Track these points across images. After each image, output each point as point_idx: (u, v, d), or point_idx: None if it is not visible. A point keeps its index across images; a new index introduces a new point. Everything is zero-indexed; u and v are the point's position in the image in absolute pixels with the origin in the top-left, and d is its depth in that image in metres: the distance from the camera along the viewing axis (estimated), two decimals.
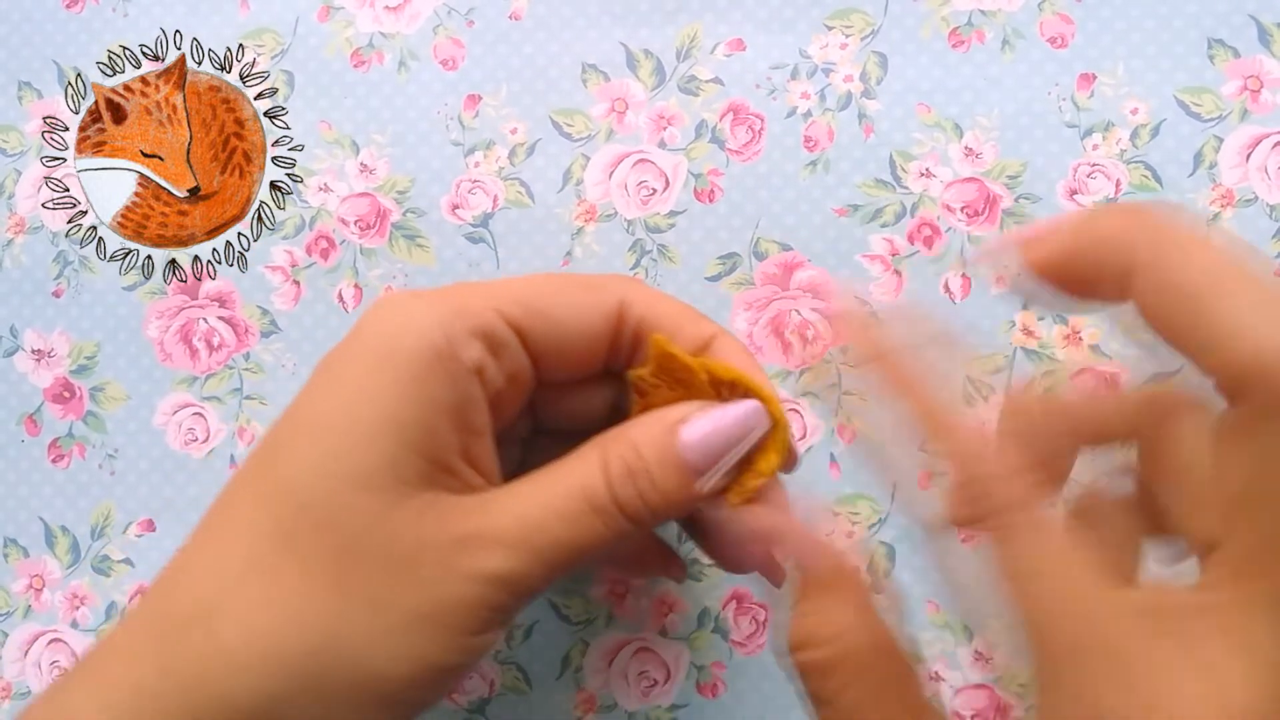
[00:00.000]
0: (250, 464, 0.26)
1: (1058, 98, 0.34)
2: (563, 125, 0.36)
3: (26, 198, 0.38)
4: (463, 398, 0.25)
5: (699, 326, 0.27)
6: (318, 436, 0.24)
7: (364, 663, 0.24)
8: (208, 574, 0.24)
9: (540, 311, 0.26)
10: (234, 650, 0.24)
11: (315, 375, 0.26)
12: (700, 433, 0.25)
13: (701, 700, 0.34)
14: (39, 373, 0.38)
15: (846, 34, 0.35)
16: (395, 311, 0.25)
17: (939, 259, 0.34)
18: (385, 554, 0.24)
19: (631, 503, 0.25)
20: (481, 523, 0.25)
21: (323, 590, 0.24)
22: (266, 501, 0.24)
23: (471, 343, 0.25)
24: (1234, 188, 0.33)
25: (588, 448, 0.26)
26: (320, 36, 0.37)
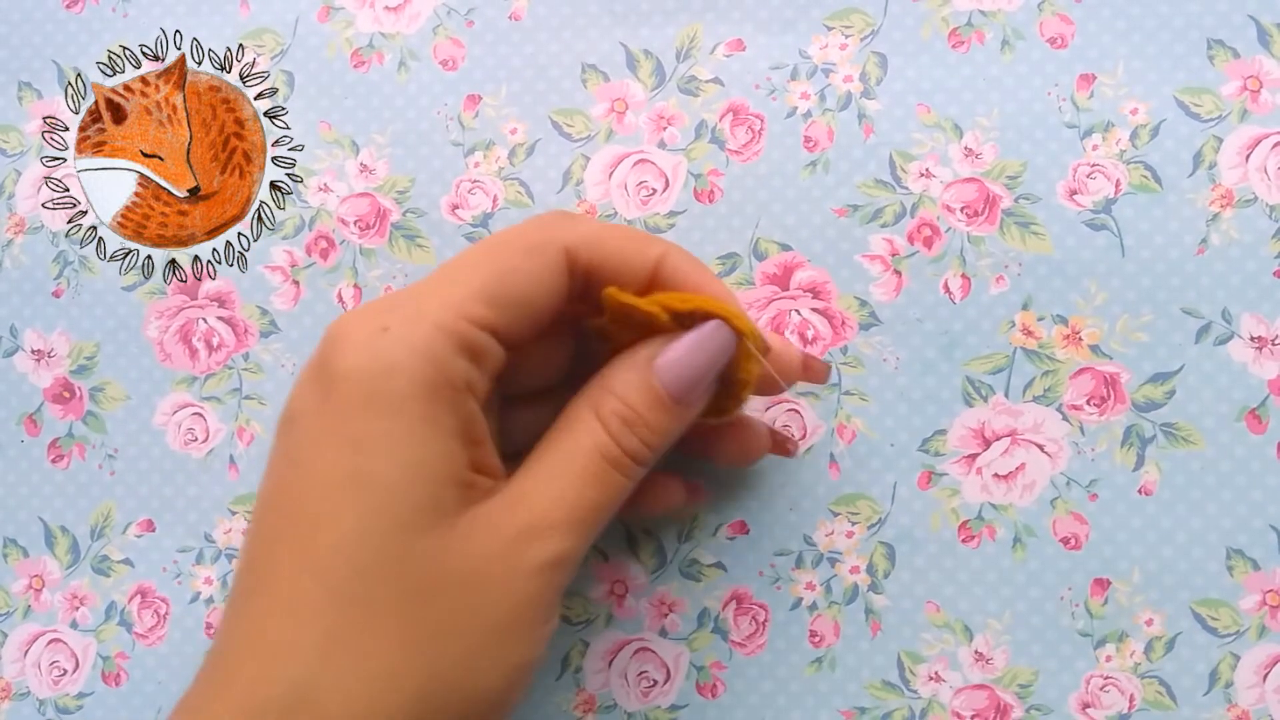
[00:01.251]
0: (278, 534, 0.25)
1: (1057, 98, 0.34)
2: (563, 125, 0.36)
3: (26, 198, 0.38)
4: (464, 416, 0.25)
5: (645, 253, 0.28)
6: (351, 497, 0.24)
7: (464, 690, 0.25)
8: (289, 655, 0.24)
9: (504, 300, 0.26)
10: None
11: (308, 431, 0.25)
12: (673, 366, 0.27)
13: (701, 700, 0.34)
14: (39, 373, 0.38)
15: (846, 34, 0.35)
16: (369, 348, 0.25)
17: (939, 259, 0.34)
18: (452, 584, 0.25)
19: (639, 450, 0.27)
20: (526, 516, 0.25)
21: (407, 641, 0.24)
22: (317, 571, 0.24)
23: (457, 361, 0.25)
24: (1234, 188, 0.33)
25: (578, 409, 0.27)
26: (320, 36, 0.37)
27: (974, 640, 0.33)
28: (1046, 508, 0.33)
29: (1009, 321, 0.34)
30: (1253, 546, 0.33)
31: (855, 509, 0.34)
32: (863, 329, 0.34)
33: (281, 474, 0.26)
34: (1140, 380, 0.33)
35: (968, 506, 0.34)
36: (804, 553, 0.34)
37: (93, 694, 0.36)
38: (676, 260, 0.28)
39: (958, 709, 0.33)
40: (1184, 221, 0.33)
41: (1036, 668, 0.33)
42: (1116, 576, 0.33)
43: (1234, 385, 0.33)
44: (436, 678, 0.24)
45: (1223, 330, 0.33)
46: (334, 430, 0.25)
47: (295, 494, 0.25)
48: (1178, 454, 0.33)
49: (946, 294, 0.34)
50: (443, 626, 0.25)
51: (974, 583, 0.33)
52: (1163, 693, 0.33)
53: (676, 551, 0.34)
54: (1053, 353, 0.34)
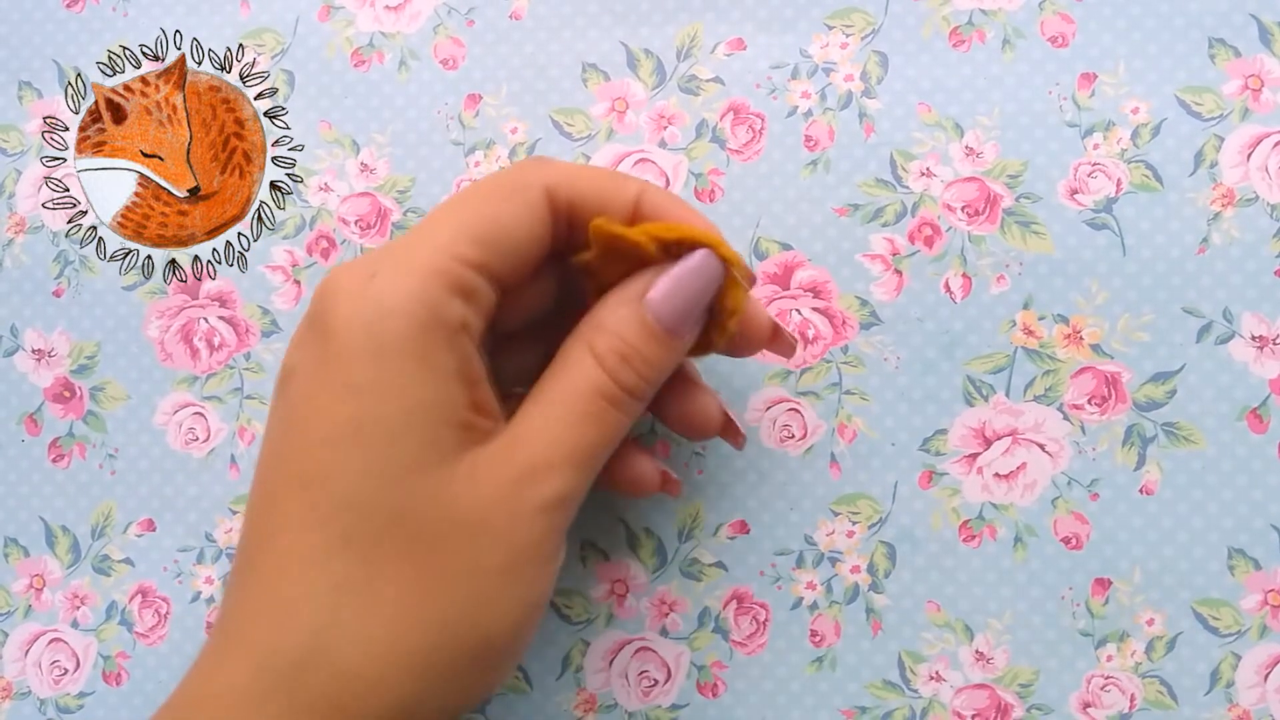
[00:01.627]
0: (278, 493, 0.25)
1: (1058, 97, 0.34)
2: (563, 125, 0.36)
3: (26, 197, 0.38)
4: (461, 357, 0.25)
5: (624, 190, 0.28)
6: (353, 445, 0.24)
7: (476, 630, 0.25)
8: (301, 607, 0.24)
9: (491, 240, 0.26)
10: (361, 672, 0.24)
11: (306, 380, 0.25)
12: (665, 298, 0.27)
13: (701, 700, 0.34)
14: (39, 372, 0.38)
15: (847, 33, 0.35)
16: (363, 296, 0.25)
17: (939, 259, 0.34)
18: (458, 526, 0.25)
19: (636, 385, 0.27)
20: (526, 458, 0.26)
21: (416, 586, 0.25)
22: (325, 521, 0.24)
23: (451, 301, 0.25)
24: (1234, 187, 0.33)
25: (573, 348, 0.27)
26: (320, 36, 0.37)
27: (975, 640, 0.33)
28: (1047, 507, 0.33)
29: (1010, 321, 0.34)
30: (1254, 546, 0.32)
31: (856, 508, 0.34)
32: (863, 328, 0.34)
33: (281, 431, 0.26)
34: (1141, 380, 0.33)
35: (968, 506, 0.33)
36: (805, 552, 0.34)
37: (93, 693, 0.36)
38: (655, 196, 0.28)
39: (958, 708, 0.33)
40: (1185, 221, 0.33)
41: (1037, 667, 0.33)
42: (1117, 576, 0.33)
43: (1235, 385, 0.33)
44: (448, 620, 0.25)
45: (1224, 330, 0.33)
46: (331, 380, 0.25)
47: (296, 449, 0.25)
48: (1179, 453, 0.33)
49: (947, 293, 0.34)
50: (451, 569, 0.25)
51: (975, 582, 0.33)
52: (1164, 692, 0.32)
53: (677, 551, 0.34)
54: (1054, 352, 0.34)
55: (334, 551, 0.24)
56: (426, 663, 0.25)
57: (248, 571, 0.26)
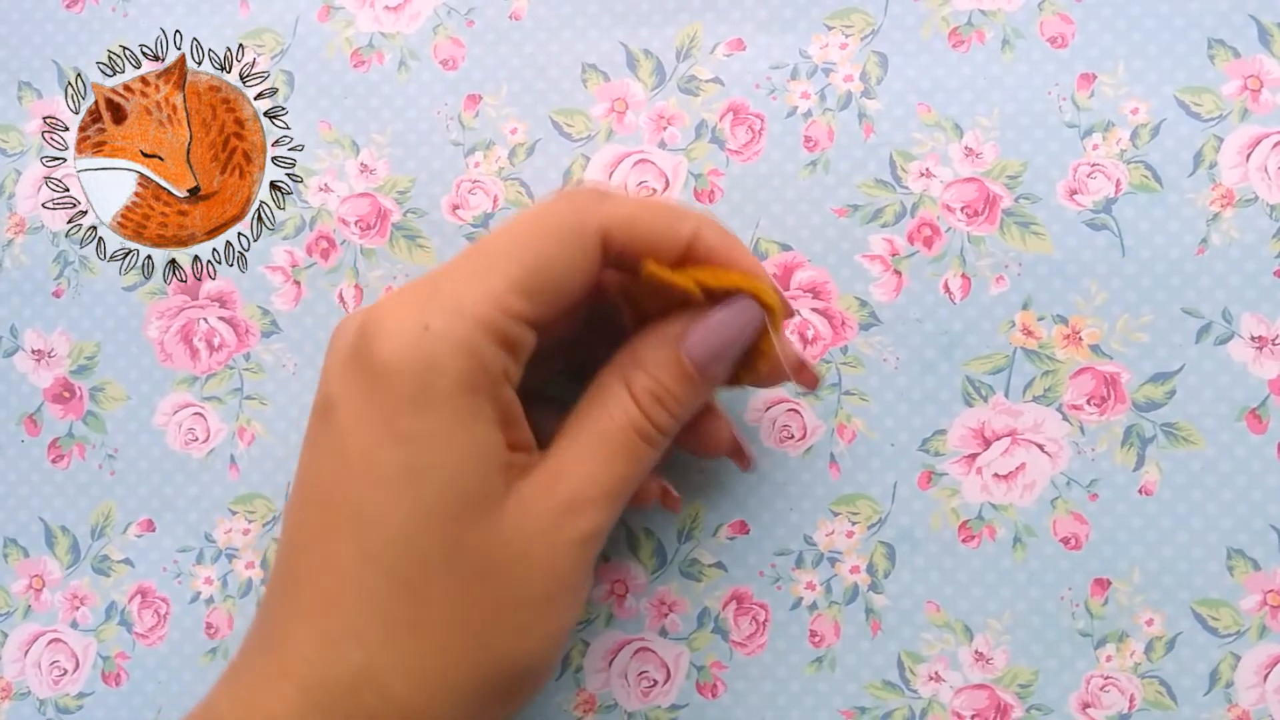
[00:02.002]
0: (331, 525, 0.26)
1: (1058, 97, 0.34)
2: (563, 125, 0.36)
3: (26, 198, 0.38)
4: (502, 404, 0.26)
5: (678, 230, 0.28)
6: (405, 489, 0.25)
7: (516, 658, 0.26)
8: (351, 639, 0.25)
9: (541, 290, 0.27)
10: (409, 702, 0.25)
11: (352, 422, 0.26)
12: (702, 342, 0.28)
13: (701, 700, 0.34)
14: (39, 373, 0.38)
15: (846, 34, 0.35)
16: (412, 343, 0.25)
17: (938, 259, 0.34)
18: (501, 564, 0.26)
19: (667, 424, 0.28)
20: (562, 495, 0.27)
21: (462, 621, 0.26)
22: (376, 559, 0.25)
23: (495, 352, 0.26)
24: (1234, 187, 0.33)
25: (610, 385, 0.28)
26: (320, 36, 0.37)
27: (974, 640, 0.33)
28: (1047, 508, 0.33)
29: (1009, 321, 0.34)
30: (1253, 546, 0.33)
31: (855, 508, 0.34)
32: (863, 329, 0.34)
33: (326, 463, 0.26)
34: (1140, 380, 0.33)
35: (968, 506, 0.34)
36: (804, 553, 0.34)
37: (93, 694, 0.36)
38: (709, 236, 0.28)
39: (958, 709, 0.33)
40: (1184, 221, 0.33)
41: (1037, 667, 0.33)
42: (1117, 576, 0.33)
43: (1234, 385, 0.33)
44: (491, 652, 0.26)
45: (1223, 330, 0.33)
46: (381, 424, 0.25)
47: (344, 485, 0.26)
48: (1178, 454, 0.33)
49: (946, 294, 0.34)
50: (495, 604, 0.26)
51: (974, 583, 0.33)
52: (1163, 693, 0.33)
53: (677, 551, 0.34)
54: (1053, 353, 0.34)
55: (385, 589, 0.25)
56: (471, 692, 0.26)
57: (293, 600, 0.26)
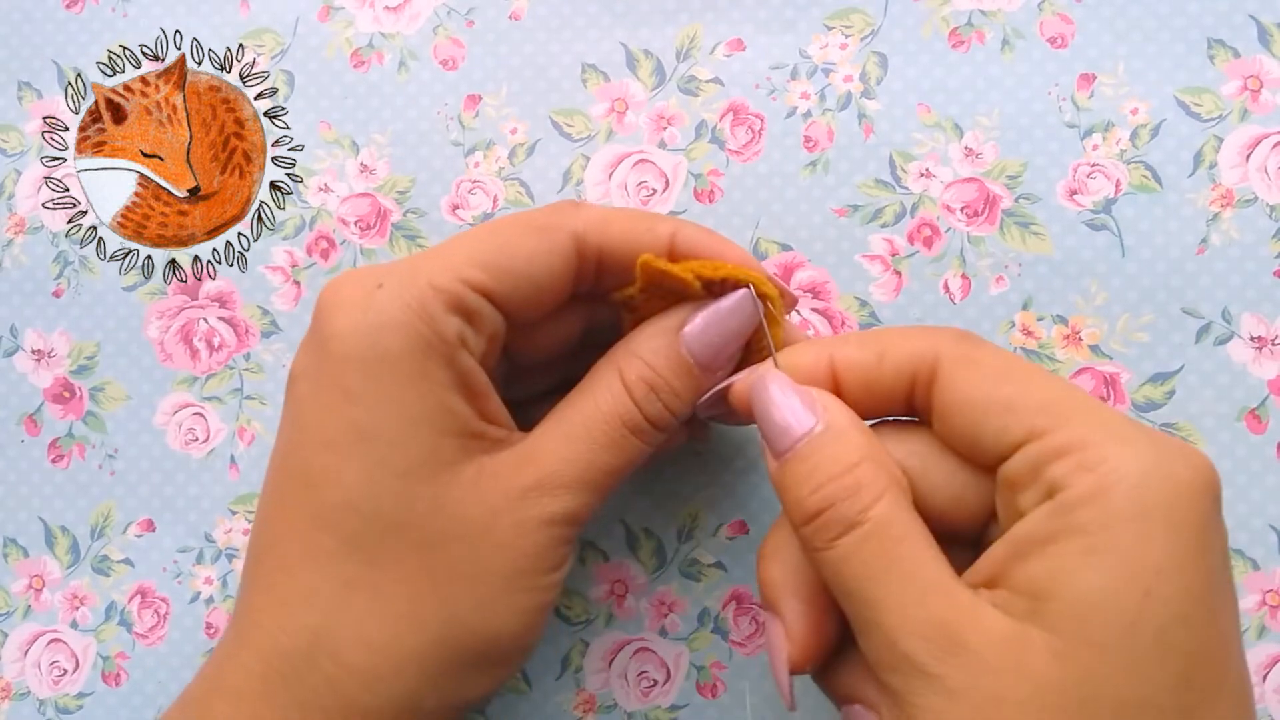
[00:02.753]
0: (286, 492, 0.26)
1: (1058, 98, 0.34)
2: (563, 125, 0.36)
3: (27, 198, 0.38)
4: (460, 370, 0.26)
5: (657, 233, 0.28)
6: (353, 450, 0.25)
7: (481, 633, 0.26)
8: (303, 605, 0.25)
9: (502, 269, 0.26)
10: (364, 668, 0.25)
11: (306, 392, 0.26)
12: (701, 333, 0.27)
13: (701, 700, 0.34)
14: (39, 373, 0.38)
15: (846, 34, 0.35)
16: (363, 308, 0.25)
17: (939, 259, 0.34)
18: (463, 532, 0.25)
19: (661, 416, 0.27)
20: (534, 472, 0.26)
21: (420, 586, 0.25)
22: (327, 524, 0.25)
23: (449, 319, 0.26)
24: (1234, 188, 0.33)
25: (603, 372, 0.27)
26: (320, 36, 0.37)
27: None
28: None
29: (1009, 321, 0.34)
30: (1253, 546, 0.33)
31: None
32: (863, 329, 0.34)
33: (286, 433, 0.27)
34: (1140, 380, 0.33)
35: None
36: None
37: (93, 694, 0.36)
38: (690, 232, 0.28)
39: None
40: (1184, 221, 0.33)
41: None
42: None
43: (1234, 385, 0.33)
44: (453, 621, 0.26)
45: (1223, 330, 0.33)
46: (330, 387, 0.25)
47: (299, 453, 0.26)
48: None
49: (946, 294, 0.34)
50: (455, 572, 0.26)
51: None
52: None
53: (676, 551, 0.34)
54: (1053, 353, 0.34)
55: (339, 552, 0.25)
56: (428, 660, 0.25)
57: (256, 569, 0.27)
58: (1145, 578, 0.21)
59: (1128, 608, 0.21)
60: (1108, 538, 0.21)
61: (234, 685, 0.25)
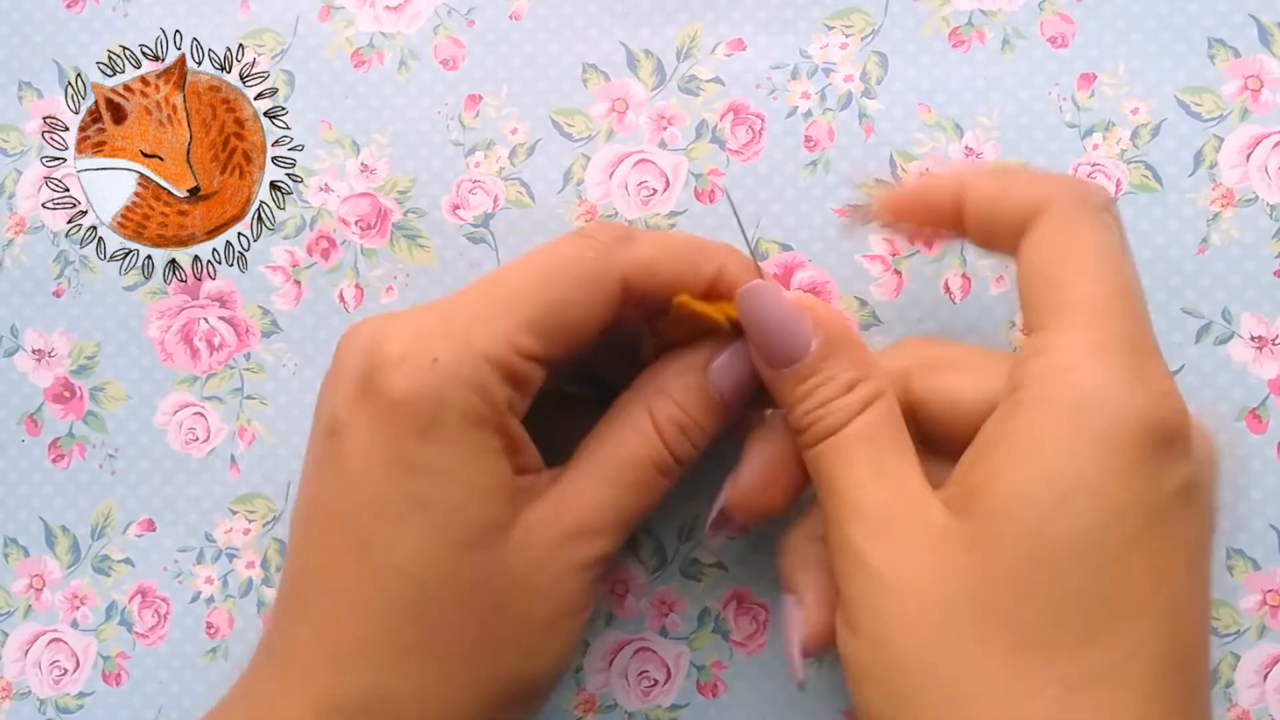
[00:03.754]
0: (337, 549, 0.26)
1: (1058, 97, 0.34)
2: (563, 125, 0.36)
3: (27, 197, 0.38)
4: (509, 435, 0.27)
5: (701, 269, 0.28)
6: (412, 521, 0.26)
7: (521, 679, 0.27)
8: (359, 661, 0.26)
9: (553, 331, 0.27)
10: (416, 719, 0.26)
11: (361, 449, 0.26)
12: (729, 369, 0.28)
13: (702, 700, 0.34)
14: (39, 372, 0.38)
15: (847, 34, 0.35)
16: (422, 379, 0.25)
17: (939, 259, 0.34)
18: (508, 590, 0.26)
19: (688, 455, 0.28)
20: (571, 521, 0.27)
21: (470, 645, 0.26)
22: (381, 588, 0.26)
23: (503, 389, 0.26)
24: (1234, 187, 0.33)
25: (632, 411, 0.28)
26: (320, 36, 0.37)
27: None
28: None
29: (1009, 321, 0.34)
30: (1253, 546, 0.33)
31: None
32: (863, 329, 0.34)
33: (335, 487, 0.27)
34: None
35: None
36: None
37: (93, 694, 0.36)
38: (734, 271, 0.28)
39: None
40: (1184, 221, 0.33)
41: None
42: None
43: (1234, 385, 0.33)
44: (498, 673, 0.26)
45: (1223, 330, 0.33)
46: (390, 454, 0.26)
47: (353, 513, 0.26)
48: None
49: (947, 294, 0.34)
50: (501, 630, 0.26)
51: None
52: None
53: (677, 551, 0.34)
54: None
55: (393, 615, 0.26)
56: (479, 711, 0.26)
57: (301, 621, 0.27)
58: (1062, 486, 0.22)
59: (1040, 511, 0.22)
60: (1040, 442, 0.22)
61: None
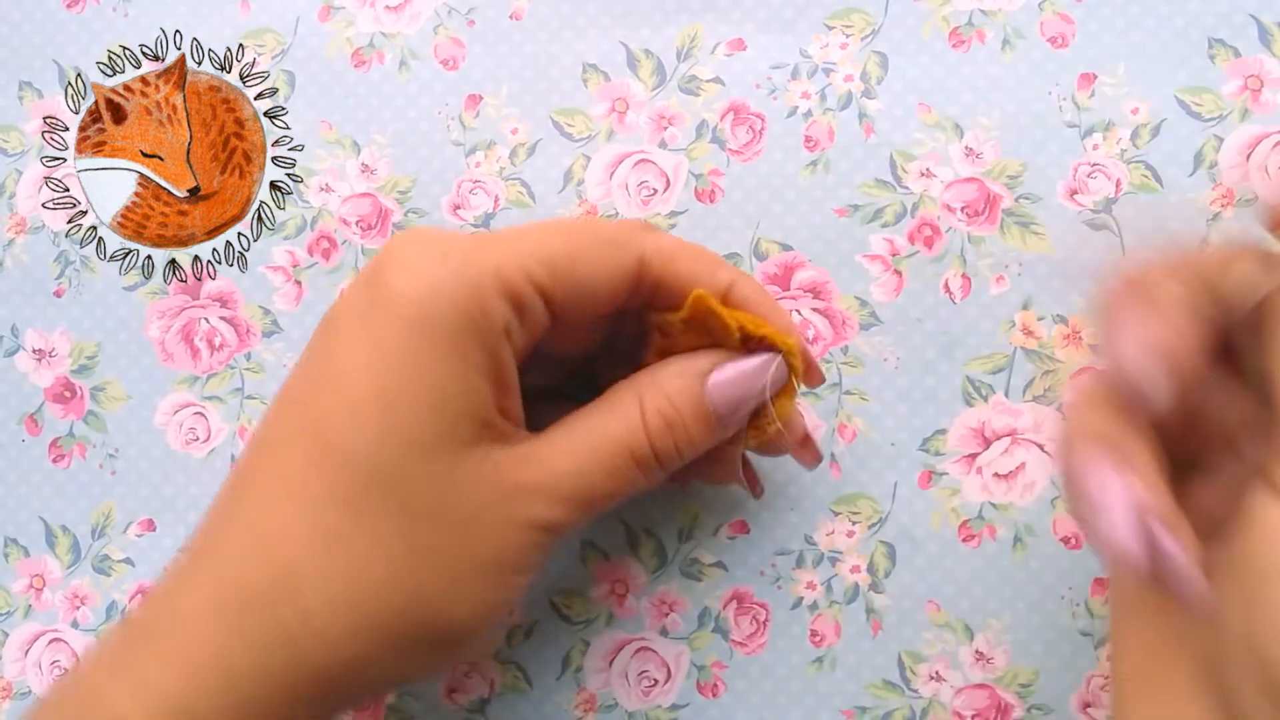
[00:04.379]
0: (289, 420, 0.26)
1: (1058, 97, 0.34)
2: (563, 125, 0.36)
3: (27, 197, 0.38)
4: (497, 360, 0.26)
5: (716, 277, 0.28)
6: (372, 408, 0.25)
7: (443, 615, 0.25)
8: (279, 543, 0.25)
9: (565, 273, 0.27)
10: (322, 620, 0.24)
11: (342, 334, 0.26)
12: (726, 384, 0.27)
13: (702, 700, 0.34)
14: (40, 372, 0.38)
15: (847, 34, 0.35)
16: (423, 271, 0.25)
17: (939, 259, 0.34)
18: (452, 514, 0.25)
19: (668, 454, 0.27)
20: (533, 476, 0.26)
21: (398, 553, 0.25)
22: (326, 470, 0.25)
23: (501, 305, 0.26)
24: (1234, 187, 0.33)
25: (622, 397, 0.28)
26: (321, 36, 0.37)
27: (975, 640, 0.33)
28: (1047, 507, 0.33)
29: (1009, 321, 0.34)
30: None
31: (855, 508, 0.34)
32: (863, 329, 0.34)
33: (313, 369, 0.27)
34: None
35: (968, 505, 0.34)
36: (804, 552, 0.34)
37: None
38: (745, 288, 0.29)
39: (959, 708, 0.33)
40: (1184, 221, 0.33)
41: (1037, 667, 0.33)
42: None
43: None
44: (419, 598, 0.25)
45: None
46: (371, 341, 0.25)
47: (322, 392, 0.26)
48: None
49: (947, 294, 0.34)
50: (433, 551, 0.25)
51: (974, 582, 0.33)
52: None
53: (677, 551, 0.34)
54: (1053, 352, 0.34)
55: (326, 499, 0.25)
56: (385, 630, 0.25)
57: (235, 500, 0.26)
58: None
59: None
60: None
61: (183, 610, 0.25)
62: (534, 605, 0.35)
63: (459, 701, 0.35)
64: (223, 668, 0.24)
